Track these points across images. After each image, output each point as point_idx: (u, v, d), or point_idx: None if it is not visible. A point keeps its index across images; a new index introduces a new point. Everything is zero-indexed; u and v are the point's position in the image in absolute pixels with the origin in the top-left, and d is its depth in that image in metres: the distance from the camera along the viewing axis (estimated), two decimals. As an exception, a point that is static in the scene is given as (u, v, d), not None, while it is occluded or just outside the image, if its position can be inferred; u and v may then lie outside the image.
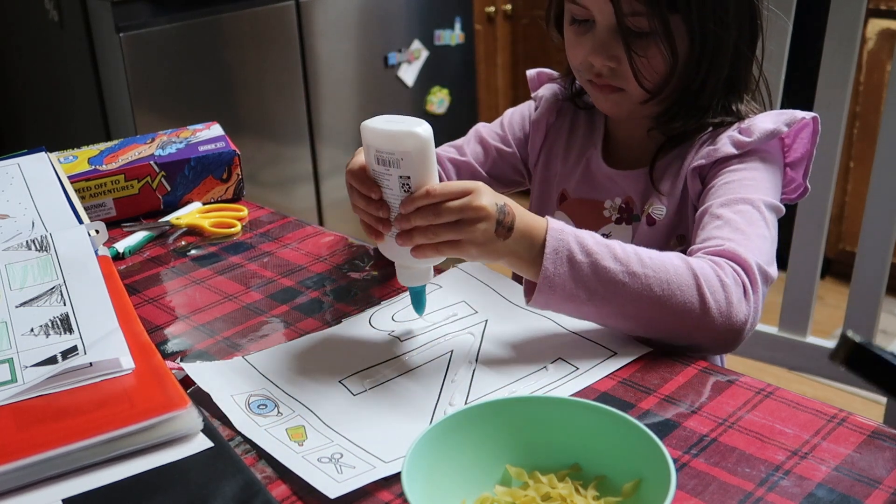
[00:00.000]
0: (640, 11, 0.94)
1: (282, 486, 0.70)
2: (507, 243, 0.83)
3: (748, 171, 0.96)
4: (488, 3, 3.10)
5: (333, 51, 2.52)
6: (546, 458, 0.69)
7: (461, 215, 0.81)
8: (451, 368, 0.84)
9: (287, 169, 2.54)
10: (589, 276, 0.83)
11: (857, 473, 0.68)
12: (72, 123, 2.54)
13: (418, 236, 0.82)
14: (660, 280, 0.83)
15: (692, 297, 0.83)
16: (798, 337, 1.51)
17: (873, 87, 2.43)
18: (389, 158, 0.81)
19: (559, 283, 0.83)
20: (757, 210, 0.92)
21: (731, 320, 0.83)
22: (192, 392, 0.81)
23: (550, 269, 0.82)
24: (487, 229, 0.81)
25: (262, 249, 1.13)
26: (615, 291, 0.83)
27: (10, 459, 0.68)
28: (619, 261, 0.83)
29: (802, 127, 0.99)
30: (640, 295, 0.83)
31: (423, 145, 0.80)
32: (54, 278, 0.91)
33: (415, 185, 0.81)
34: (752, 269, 0.86)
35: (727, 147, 0.97)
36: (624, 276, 0.83)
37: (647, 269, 0.83)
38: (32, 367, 0.79)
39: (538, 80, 1.19)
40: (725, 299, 0.83)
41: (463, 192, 0.81)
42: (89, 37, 2.26)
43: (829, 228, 1.59)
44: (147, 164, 1.21)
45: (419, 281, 0.89)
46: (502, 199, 0.83)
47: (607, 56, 0.97)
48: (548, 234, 0.83)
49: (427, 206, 0.81)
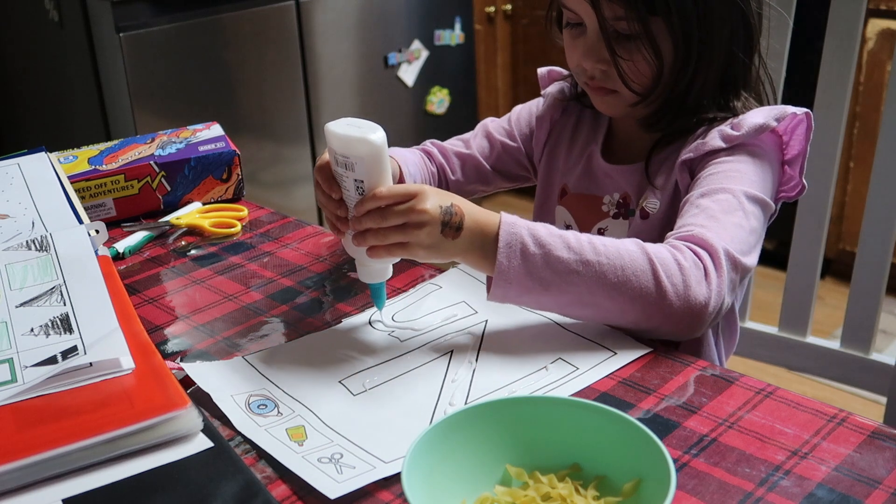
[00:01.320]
0: (622, 16, 0.94)
1: (282, 486, 0.70)
2: (457, 243, 0.84)
3: (734, 164, 0.96)
4: (488, 3, 3.10)
5: (333, 51, 2.52)
6: (546, 458, 0.69)
7: (406, 219, 0.83)
8: (451, 368, 0.84)
9: (287, 169, 2.54)
10: (542, 267, 0.84)
11: (857, 473, 0.68)
12: (72, 123, 2.54)
13: (370, 238, 0.85)
14: (614, 267, 0.84)
15: (647, 281, 0.83)
16: (798, 337, 1.51)
17: (873, 87, 2.43)
18: (345, 162, 0.84)
19: (514, 277, 0.84)
20: (736, 199, 0.92)
21: (690, 302, 0.84)
22: (192, 392, 0.81)
23: (504, 263, 0.84)
24: (432, 231, 0.83)
25: (262, 249, 1.13)
26: (569, 281, 0.84)
27: (10, 459, 0.68)
28: (573, 250, 0.84)
29: (797, 123, 0.99)
30: (594, 283, 0.84)
31: (376, 151, 0.83)
32: (54, 278, 0.91)
33: (367, 189, 0.84)
34: (717, 252, 0.86)
35: (715, 140, 0.97)
36: (577, 266, 0.83)
37: (600, 256, 0.84)
38: (32, 367, 0.79)
39: (548, 77, 1.20)
40: (683, 282, 0.84)
41: (406, 196, 0.83)
42: (89, 37, 2.26)
43: (829, 228, 1.59)
44: (147, 164, 1.21)
45: (377, 278, 0.91)
46: (449, 199, 0.85)
47: (597, 59, 0.99)
48: (500, 229, 0.84)
49: (375, 210, 0.83)
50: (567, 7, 0.99)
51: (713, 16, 0.96)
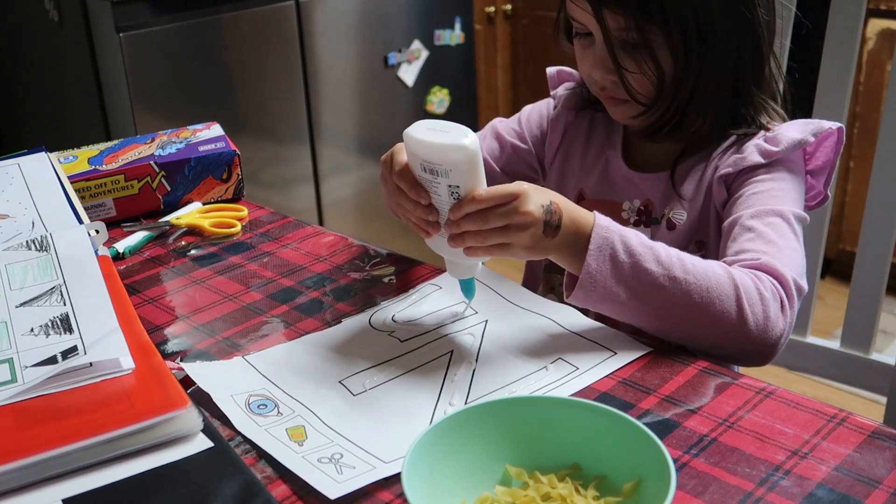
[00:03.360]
0: (623, 25, 0.94)
1: (282, 486, 0.70)
2: (555, 241, 0.84)
3: (776, 182, 0.96)
4: (488, 3, 3.10)
5: (333, 51, 2.52)
6: (546, 458, 0.69)
7: (508, 220, 0.82)
8: (451, 368, 0.84)
9: (287, 169, 2.54)
10: (630, 277, 0.83)
11: (857, 473, 0.68)
12: (72, 123, 2.54)
13: (469, 239, 0.83)
14: (700, 287, 0.83)
15: (731, 307, 0.83)
16: (798, 337, 1.51)
17: (873, 87, 2.43)
18: (437, 169, 0.82)
19: (600, 281, 0.83)
20: (787, 223, 0.93)
21: (767, 334, 0.84)
22: (192, 392, 0.81)
23: (593, 266, 0.83)
24: (535, 233, 0.82)
25: (262, 249, 1.13)
26: (654, 294, 0.83)
27: (10, 459, 0.68)
28: (662, 264, 0.84)
29: (826, 136, 0.99)
30: (678, 300, 0.83)
31: (472, 156, 0.80)
32: (54, 278, 0.91)
33: (464, 193, 0.82)
34: (789, 284, 0.86)
35: (754, 156, 0.97)
36: (664, 280, 0.83)
37: (688, 275, 0.83)
38: (32, 367, 0.79)
39: (558, 78, 1.19)
40: (763, 313, 0.84)
41: (509, 197, 0.82)
42: (89, 37, 2.26)
43: (829, 228, 1.59)
44: (147, 164, 1.21)
45: (468, 274, 0.91)
46: (548, 196, 0.84)
47: (606, 70, 0.98)
48: (594, 231, 0.84)
49: (475, 213, 0.82)
50: (574, 19, 0.99)
51: (716, 29, 0.95)
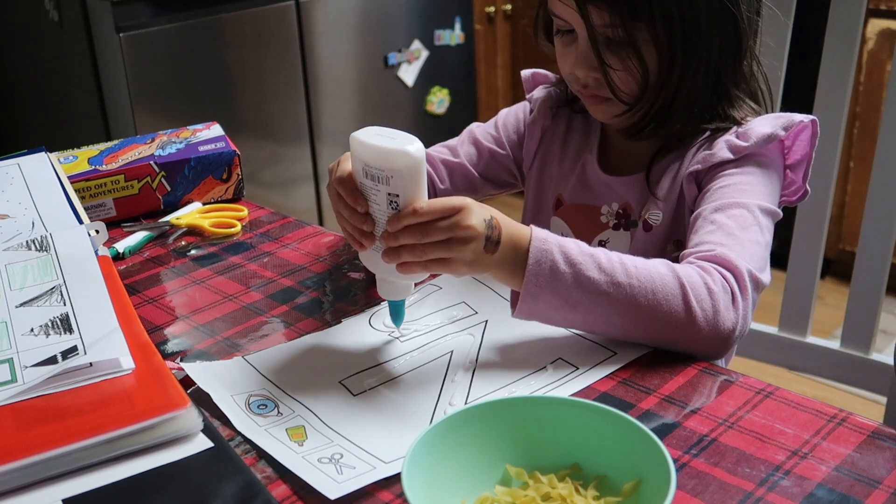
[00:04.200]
0: (608, 22, 0.93)
1: (282, 486, 0.70)
2: (495, 257, 0.82)
3: (744, 176, 0.95)
4: (488, 3, 3.10)
5: (333, 51, 2.52)
6: (546, 458, 0.69)
7: (450, 234, 0.79)
8: (451, 369, 0.84)
9: (287, 169, 2.54)
10: (572, 287, 0.82)
11: (857, 473, 0.68)
12: (72, 123, 2.54)
13: (406, 254, 0.81)
14: (645, 290, 0.82)
15: (678, 306, 0.82)
16: (798, 337, 1.51)
17: (873, 87, 2.43)
18: (379, 175, 0.79)
19: (542, 295, 0.82)
20: (751, 214, 0.92)
21: (718, 328, 0.83)
22: (192, 392, 0.81)
23: (533, 281, 0.82)
24: (476, 248, 0.80)
25: (262, 249, 1.13)
26: (599, 302, 0.82)
27: (10, 459, 0.68)
28: (604, 271, 0.82)
29: (801, 129, 0.98)
30: (624, 305, 0.82)
31: (415, 164, 0.78)
32: (54, 278, 0.91)
33: (403, 203, 0.79)
34: (743, 275, 0.85)
35: (723, 152, 0.96)
36: (608, 287, 0.82)
37: (631, 279, 0.82)
38: (32, 367, 0.79)
39: (533, 80, 1.18)
40: (712, 307, 0.82)
41: (451, 211, 0.80)
42: (89, 37, 2.26)
43: (829, 228, 1.59)
44: (147, 164, 1.21)
45: (400, 295, 0.87)
46: (489, 212, 0.82)
47: (590, 68, 0.97)
48: (531, 244, 0.82)
49: (415, 225, 0.79)
50: (557, 15, 0.98)
51: (700, 25, 0.94)
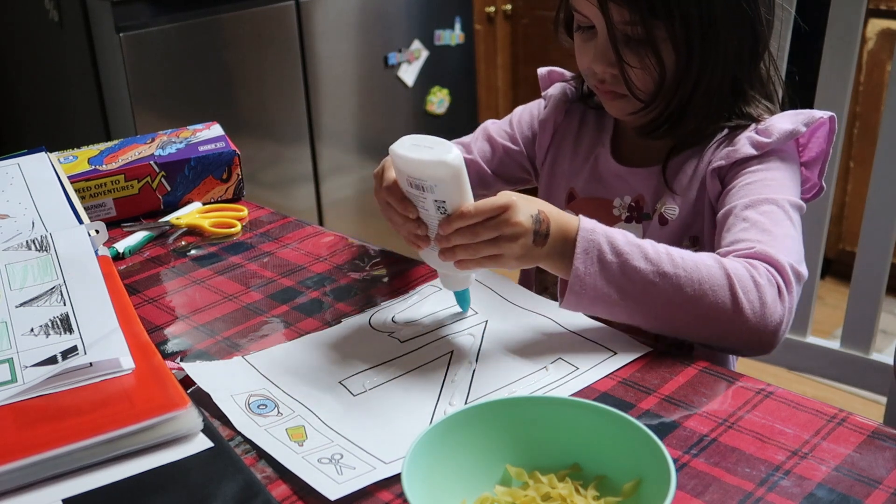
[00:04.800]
0: (628, 20, 0.94)
1: (282, 486, 0.70)
2: (545, 249, 0.84)
3: (769, 172, 0.96)
4: (488, 3, 3.10)
5: (333, 51, 2.52)
6: (546, 458, 0.69)
7: (499, 232, 0.82)
8: (451, 368, 0.84)
9: (287, 169, 2.54)
10: (619, 277, 0.83)
11: (857, 473, 0.68)
12: (72, 123, 2.54)
13: (460, 252, 0.84)
14: (691, 280, 0.83)
15: (724, 297, 0.83)
16: (798, 337, 1.51)
17: (873, 87, 2.43)
18: (423, 184, 0.82)
19: (590, 284, 0.83)
20: (782, 210, 0.92)
21: (765, 321, 0.83)
22: (192, 392, 0.81)
23: (581, 270, 0.83)
24: (525, 243, 0.83)
25: (262, 249, 1.13)
26: (645, 292, 0.83)
27: (10, 459, 0.68)
28: (650, 261, 0.83)
29: (818, 126, 0.99)
30: (671, 296, 0.83)
31: (456, 172, 0.81)
32: (54, 278, 0.91)
33: (450, 208, 0.82)
34: (786, 270, 0.86)
35: (746, 148, 0.97)
36: (654, 277, 0.83)
37: (678, 269, 0.83)
38: (32, 367, 0.79)
39: (549, 78, 1.19)
40: (759, 300, 0.83)
41: (498, 210, 0.82)
42: (89, 37, 2.26)
43: (829, 228, 1.58)
44: (147, 164, 1.21)
45: (462, 286, 0.91)
46: (536, 206, 0.84)
47: (608, 63, 0.98)
48: (578, 234, 0.84)
49: (465, 227, 0.82)
50: (578, 11, 0.99)
51: (718, 24, 0.95)
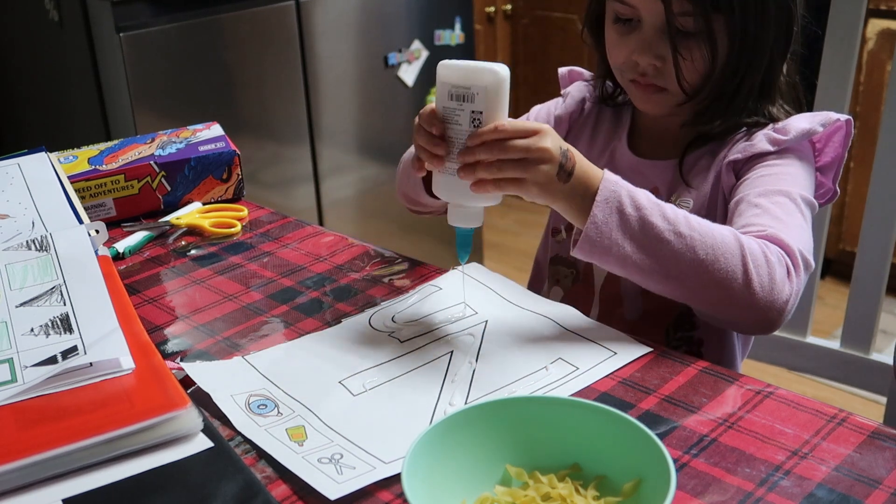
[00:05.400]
0: (689, 11, 0.95)
1: (282, 486, 0.70)
2: (565, 188, 0.85)
3: (784, 167, 0.97)
4: (488, 3, 3.10)
5: (333, 51, 2.52)
6: (546, 458, 0.69)
7: (526, 154, 0.83)
8: (451, 368, 0.84)
9: (287, 169, 2.54)
10: (635, 229, 0.85)
11: (857, 473, 0.68)
12: (72, 123, 2.54)
13: (481, 171, 0.84)
14: (705, 244, 0.84)
15: (736, 266, 0.84)
16: (798, 337, 1.51)
17: (873, 87, 2.43)
18: (464, 93, 0.84)
19: (606, 233, 0.85)
20: (794, 202, 0.94)
21: (773, 297, 0.85)
22: (192, 392, 0.81)
23: (599, 217, 0.84)
24: (549, 171, 0.84)
25: (262, 249, 1.13)
26: (659, 248, 0.85)
27: (10, 459, 0.68)
28: (668, 220, 0.85)
29: (835, 130, 1.00)
30: (683, 255, 0.84)
31: (500, 82, 0.83)
32: (54, 278, 0.91)
33: (485, 121, 0.84)
34: (796, 254, 0.88)
35: (763, 143, 0.98)
36: (670, 235, 0.84)
37: (693, 231, 0.85)
38: (32, 367, 0.79)
39: (569, 77, 1.20)
40: (769, 276, 0.85)
41: (530, 132, 0.83)
42: (89, 37, 2.26)
43: (829, 228, 1.59)
44: (147, 164, 1.21)
45: (470, 222, 0.89)
46: (565, 144, 0.86)
47: (653, 55, 0.98)
48: (602, 184, 0.85)
49: (493, 141, 0.83)
50: (623, 2, 0.99)
51: (769, 18, 0.97)
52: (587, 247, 0.86)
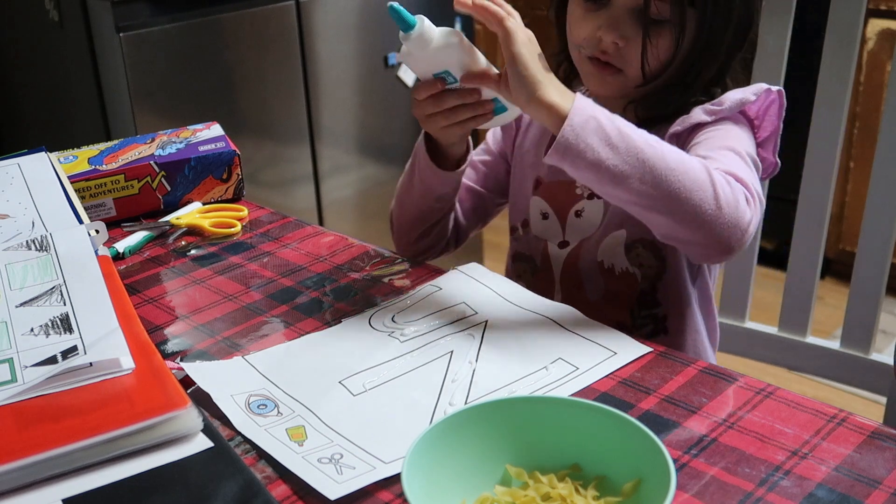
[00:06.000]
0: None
1: (282, 486, 0.70)
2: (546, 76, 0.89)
3: (724, 131, 1.00)
4: (488, 3, 3.10)
5: (333, 51, 2.52)
6: (546, 458, 0.69)
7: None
8: (451, 368, 0.84)
9: (287, 169, 2.54)
10: (611, 135, 0.86)
11: (857, 473, 0.68)
12: (72, 123, 2.54)
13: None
14: (675, 159, 0.87)
15: (704, 180, 0.87)
16: (798, 337, 1.51)
17: (873, 87, 2.43)
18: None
19: (582, 136, 0.86)
20: (740, 156, 0.97)
21: (738, 216, 0.87)
22: (192, 392, 0.81)
23: (576, 121, 0.86)
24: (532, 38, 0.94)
25: (262, 249, 1.13)
26: (633, 154, 0.86)
27: (10, 459, 0.68)
28: (640, 135, 0.88)
29: (770, 104, 1.03)
30: (656, 162, 0.86)
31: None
32: (54, 278, 0.91)
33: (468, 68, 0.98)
34: (750, 187, 0.91)
35: (699, 115, 1.01)
36: (643, 145, 0.87)
37: (663, 146, 0.88)
38: (32, 367, 0.79)
39: None
40: (733, 196, 0.88)
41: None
42: (89, 37, 2.26)
43: (829, 228, 1.59)
44: (147, 164, 1.21)
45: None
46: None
47: (619, 35, 1.00)
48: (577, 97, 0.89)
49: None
50: None
51: (732, 13, 1.00)
52: (561, 149, 0.87)
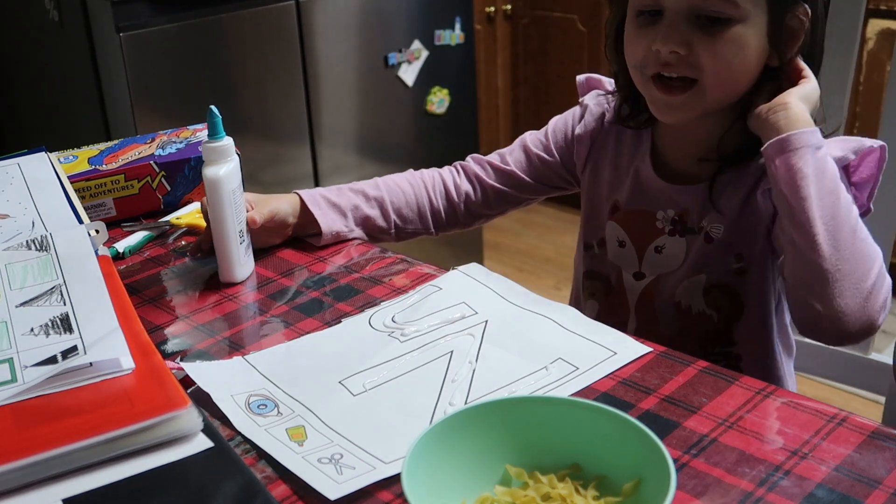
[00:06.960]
0: None
1: (282, 486, 0.70)
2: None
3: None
4: (488, 3, 3.10)
5: (333, 51, 2.52)
6: (546, 458, 0.69)
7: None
8: (451, 368, 0.84)
9: (287, 169, 2.54)
10: (821, 168, 0.91)
11: (857, 473, 0.68)
12: (72, 123, 2.54)
13: None
14: (858, 220, 0.92)
15: (876, 258, 0.91)
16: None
17: (873, 87, 2.43)
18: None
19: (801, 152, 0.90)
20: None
21: (874, 313, 0.90)
22: (192, 392, 0.81)
23: (803, 136, 0.91)
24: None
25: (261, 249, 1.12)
26: (831, 196, 0.90)
27: (10, 459, 0.68)
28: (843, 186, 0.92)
29: (869, 152, 0.99)
30: (844, 221, 0.90)
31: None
32: (54, 278, 0.91)
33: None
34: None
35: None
36: (842, 197, 0.91)
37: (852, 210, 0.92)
38: (32, 367, 0.79)
39: (587, 84, 1.19)
40: (884, 296, 0.91)
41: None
42: (89, 37, 2.26)
43: (829, 228, 1.58)
44: (147, 164, 1.21)
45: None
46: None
47: (678, 42, 0.93)
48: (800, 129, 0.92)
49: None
50: None
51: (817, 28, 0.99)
52: (782, 144, 0.90)
